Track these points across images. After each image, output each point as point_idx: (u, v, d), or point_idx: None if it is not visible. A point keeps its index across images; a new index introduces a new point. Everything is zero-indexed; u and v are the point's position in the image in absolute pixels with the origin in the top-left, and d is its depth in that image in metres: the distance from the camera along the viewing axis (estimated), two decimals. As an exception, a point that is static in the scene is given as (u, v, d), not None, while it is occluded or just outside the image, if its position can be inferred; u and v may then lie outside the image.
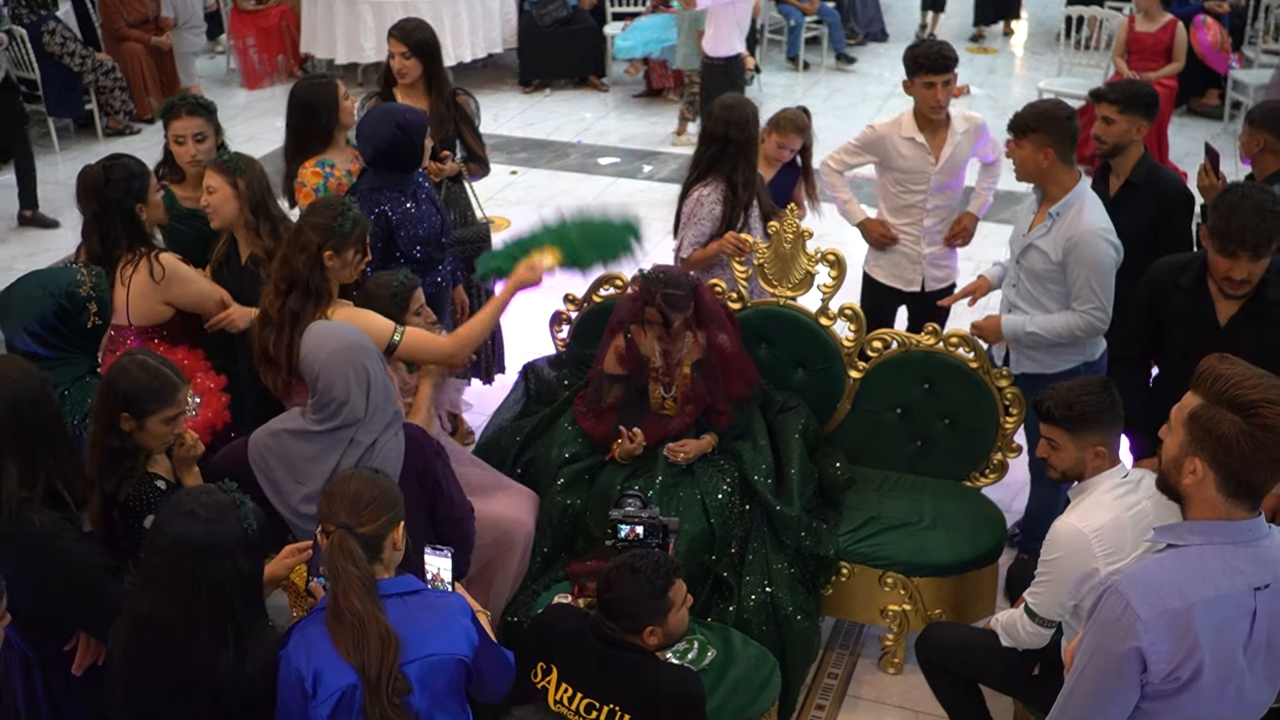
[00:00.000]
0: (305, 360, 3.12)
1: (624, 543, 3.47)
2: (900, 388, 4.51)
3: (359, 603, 2.55)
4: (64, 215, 8.11)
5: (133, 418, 3.00)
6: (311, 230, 3.55)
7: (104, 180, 3.79)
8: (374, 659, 2.53)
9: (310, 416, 3.13)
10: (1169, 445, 2.37)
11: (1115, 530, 3.16)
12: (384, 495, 2.69)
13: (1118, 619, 2.28)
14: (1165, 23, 8.50)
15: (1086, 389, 3.30)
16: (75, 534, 2.92)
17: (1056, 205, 4.07)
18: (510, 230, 6.82)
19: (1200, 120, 9.60)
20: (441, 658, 2.65)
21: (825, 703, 4.20)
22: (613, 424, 4.21)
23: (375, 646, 2.53)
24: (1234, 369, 2.31)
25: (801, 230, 4.49)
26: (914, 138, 4.82)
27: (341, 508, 2.64)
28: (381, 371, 3.15)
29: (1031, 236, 4.15)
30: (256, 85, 10.55)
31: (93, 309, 3.42)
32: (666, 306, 4.09)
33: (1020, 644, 3.41)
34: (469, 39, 10.17)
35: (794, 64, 11.21)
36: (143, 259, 3.82)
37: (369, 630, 2.54)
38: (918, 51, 4.75)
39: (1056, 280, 4.13)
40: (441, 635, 2.67)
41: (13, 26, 8.71)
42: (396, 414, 3.18)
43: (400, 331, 3.60)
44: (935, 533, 4.22)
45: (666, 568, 3.14)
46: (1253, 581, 2.31)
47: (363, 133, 4.41)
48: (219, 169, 4.04)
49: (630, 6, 10.70)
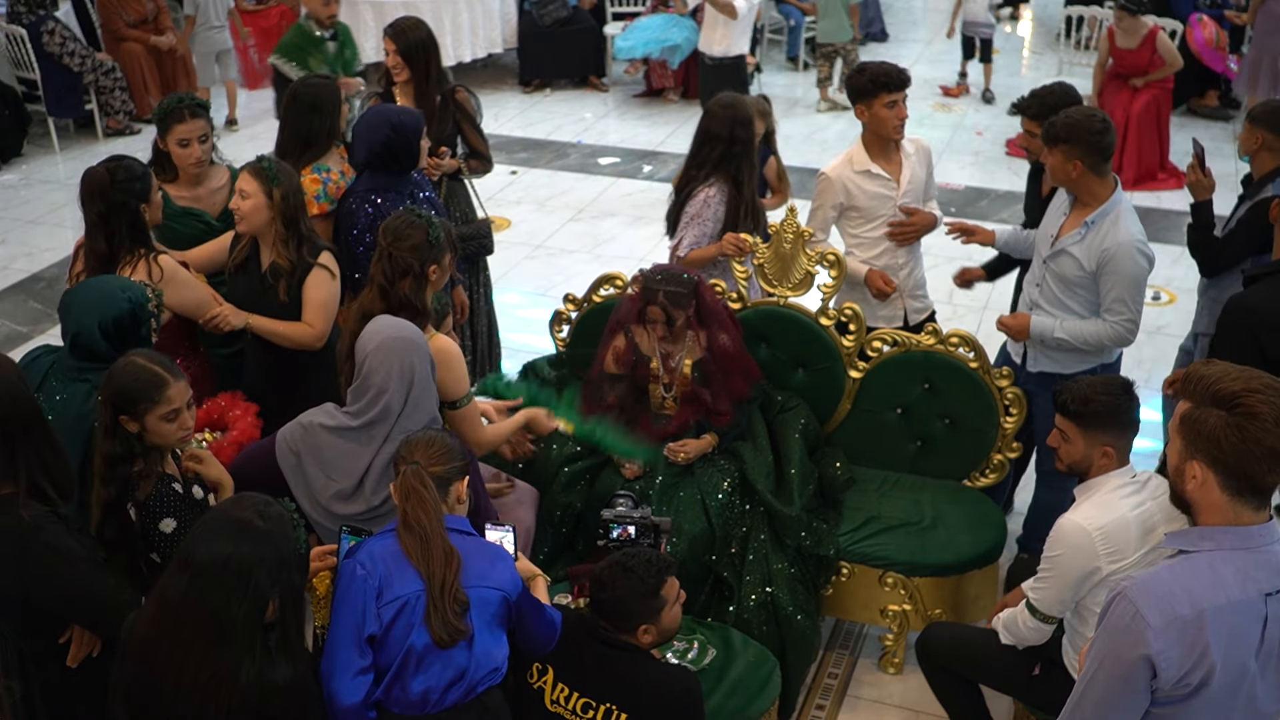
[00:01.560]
0: (359, 344, 3.20)
1: (616, 543, 3.48)
2: (900, 388, 4.51)
3: (426, 520, 2.78)
4: (63, 215, 8.13)
5: (131, 418, 2.99)
6: (409, 254, 3.52)
7: (109, 181, 3.77)
8: (439, 569, 2.75)
9: (347, 408, 3.14)
10: (1170, 456, 2.37)
11: (1119, 529, 3.16)
12: (454, 449, 2.98)
13: (1127, 626, 2.27)
14: (1144, 37, 8.38)
15: (1106, 388, 3.29)
16: (62, 527, 2.91)
17: (1092, 214, 4.00)
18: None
19: (1200, 120, 9.60)
20: (490, 590, 2.86)
21: (825, 703, 4.20)
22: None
23: (440, 558, 2.76)
24: (1215, 369, 2.33)
25: (801, 230, 4.49)
26: (869, 169, 4.67)
27: (417, 449, 2.91)
28: (428, 375, 3.17)
29: (1064, 241, 4.08)
30: (257, 85, 10.54)
31: (153, 324, 3.50)
32: (669, 304, 4.09)
33: (1021, 640, 3.41)
34: (469, 39, 10.17)
35: (794, 64, 11.22)
36: (141, 260, 3.80)
37: (434, 544, 2.77)
38: (876, 72, 4.56)
39: (1086, 287, 4.09)
40: (493, 572, 2.89)
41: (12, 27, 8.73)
42: (434, 418, 3.22)
43: (468, 398, 3.62)
44: (935, 533, 4.23)
45: (658, 566, 3.15)
46: (1264, 587, 2.31)
47: (358, 134, 4.41)
48: (256, 175, 3.95)
49: (630, 6, 10.71)
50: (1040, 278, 4.23)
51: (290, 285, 4.00)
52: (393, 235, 3.56)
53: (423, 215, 3.64)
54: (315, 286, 4.02)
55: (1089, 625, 3.23)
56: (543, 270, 7.34)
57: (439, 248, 3.58)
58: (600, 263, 6.94)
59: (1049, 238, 4.17)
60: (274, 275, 4.03)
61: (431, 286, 3.60)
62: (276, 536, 2.57)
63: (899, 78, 4.58)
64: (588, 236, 7.86)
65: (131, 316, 3.40)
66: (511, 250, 7.51)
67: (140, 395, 2.97)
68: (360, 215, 4.36)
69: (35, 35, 8.84)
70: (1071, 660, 3.35)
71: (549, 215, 8.15)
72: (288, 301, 4.02)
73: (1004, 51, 11.66)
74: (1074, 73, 9.68)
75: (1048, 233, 4.20)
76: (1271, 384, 2.27)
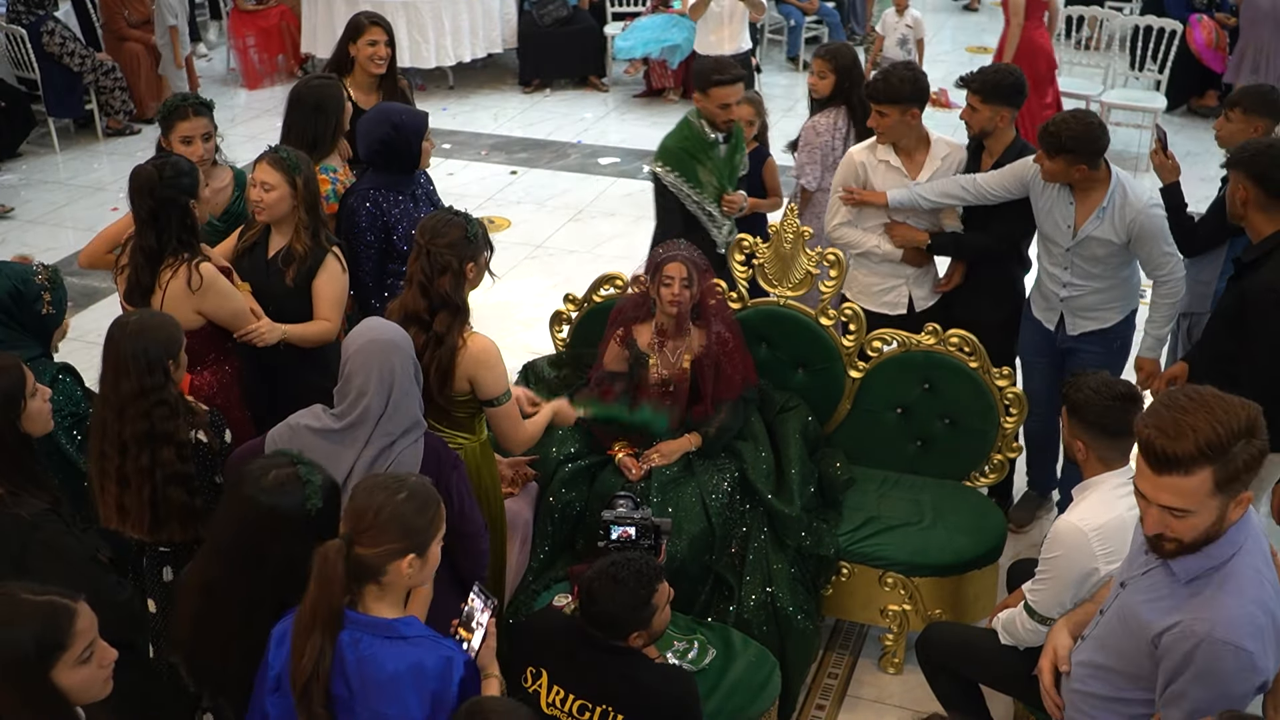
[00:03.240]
0: (345, 344, 3.17)
1: (616, 544, 3.46)
2: (900, 388, 4.51)
3: (309, 616, 2.50)
4: (63, 215, 8.13)
5: (174, 361, 3.18)
6: (448, 251, 3.50)
7: (158, 178, 3.76)
8: (300, 674, 2.48)
9: (332, 410, 3.14)
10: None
11: (1117, 530, 3.16)
12: (399, 520, 2.53)
13: (1235, 668, 2.33)
14: None
15: (1109, 391, 3.24)
16: (61, 525, 2.92)
17: (1103, 199, 4.27)
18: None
19: (1200, 120, 9.59)
20: (393, 718, 2.53)
21: (825, 703, 4.20)
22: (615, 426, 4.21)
23: (307, 664, 2.47)
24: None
25: (801, 230, 4.49)
26: (889, 160, 4.72)
27: (349, 517, 2.56)
28: (409, 376, 3.14)
29: (1088, 229, 4.32)
30: (257, 85, 10.54)
31: (46, 299, 3.58)
32: (691, 264, 4.10)
33: (1020, 641, 3.41)
34: (469, 39, 10.16)
35: (794, 64, 11.22)
36: (183, 265, 3.77)
37: (306, 644, 2.48)
38: (919, 81, 4.62)
39: (1117, 254, 4.37)
40: (397, 694, 2.53)
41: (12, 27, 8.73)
42: (418, 423, 3.17)
43: (508, 395, 3.61)
44: (935, 533, 4.23)
45: (649, 575, 3.07)
46: (1266, 551, 2.38)
47: (360, 131, 4.43)
48: (279, 166, 3.96)
49: (630, 6, 10.71)
50: (1068, 262, 4.44)
51: (300, 272, 4.01)
52: (431, 233, 3.53)
53: (460, 213, 3.64)
54: (328, 281, 4.05)
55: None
56: (543, 270, 7.34)
57: (476, 245, 3.56)
58: (600, 263, 6.93)
59: (1065, 229, 4.37)
60: (285, 261, 4.03)
61: (469, 284, 3.59)
62: (282, 496, 2.67)
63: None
64: (588, 236, 7.86)
65: (16, 293, 3.52)
66: (511, 250, 7.51)
67: (176, 342, 3.24)
68: (361, 213, 4.37)
69: (35, 35, 8.84)
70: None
71: (549, 215, 8.15)
72: (293, 287, 4.02)
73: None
74: (1074, 72, 9.67)
75: (1061, 225, 4.38)
76: None
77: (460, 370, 3.51)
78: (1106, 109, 8.74)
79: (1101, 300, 4.48)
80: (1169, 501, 2.35)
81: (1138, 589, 2.59)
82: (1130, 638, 2.55)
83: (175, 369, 3.23)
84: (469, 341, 3.52)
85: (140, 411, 3.14)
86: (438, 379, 3.49)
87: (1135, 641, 2.53)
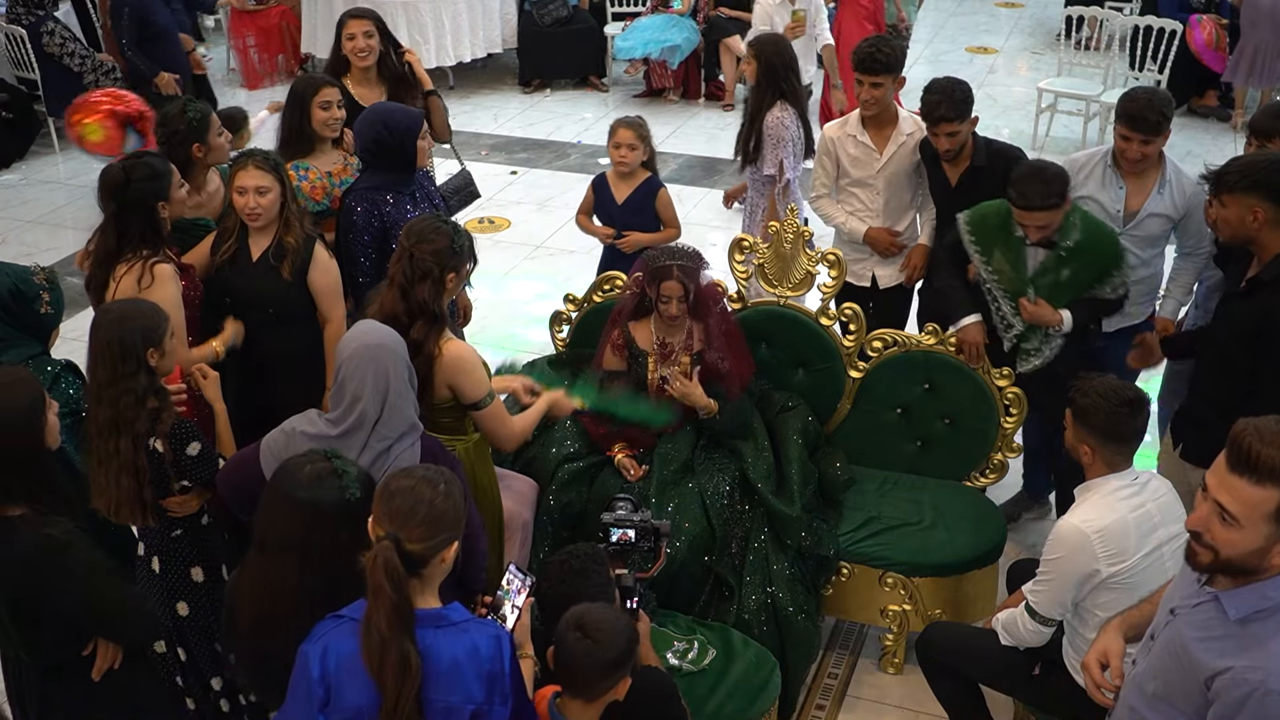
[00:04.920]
0: (338, 349, 3.16)
1: (615, 546, 3.45)
2: (900, 388, 4.51)
3: (384, 625, 2.45)
4: (63, 215, 8.13)
5: (156, 351, 3.20)
6: (431, 257, 3.47)
7: (124, 181, 3.78)
8: (393, 683, 2.45)
9: (327, 415, 3.13)
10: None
11: (1119, 531, 3.16)
12: (443, 515, 2.54)
13: None
14: None
15: (1117, 397, 3.21)
16: (89, 541, 2.94)
17: (1161, 177, 4.33)
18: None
19: (1200, 120, 9.59)
20: (458, 703, 2.53)
21: (825, 703, 4.20)
22: (612, 423, 4.21)
23: (396, 669, 2.44)
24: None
25: (801, 230, 4.49)
26: (856, 135, 4.92)
27: (395, 518, 2.51)
28: (403, 379, 3.12)
29: (1149, 207, 4.35)
30: (257, 85, 10.54)
31: (45, 298, 3.66)
32: (684, 276, 4.11)
33: (1020, 642, 3.41)
34: (469, 39, 10.16)
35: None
36: (139, 263, 3.78)
37: (390, 653, 2.45)
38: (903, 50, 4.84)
39: (1167, 233, 4.44)
40: (462, 679, 2.54)
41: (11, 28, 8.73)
42: (414, 426, 3.16)
43: (491, 397, 3.61)
44: (935, 533, 4.23)
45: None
46: None
47: (355, 130, 4.45)
48: (269, 168, 3.96)
49: (630, 6, 10.70)
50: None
51: (294, 263, 4.02)
52: (416, 237, 3.50)
53: (448, 221, 3.62)
54: (322, 274, 4.07)
55: (1089, 627, 3.23)
56: (543, 270, 7.34)
57: (460, 256, 3.54)
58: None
59: (1114, 215, 4.37)
60: (277, 256, 4.03)
61: (448, 294, 3.58)
62: (320, 489, 2.72)
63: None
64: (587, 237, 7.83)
65: (15, 291, 3.59)
66: (511, 250, 7.51)
67: (158, 326, 3.23)
68: (356, 213, 4.36)
69: (35, 35, 8.84)
70: (1072, 661, 3.35)
71: (549, 215, 8.14)
72: (291, 280, 4.02)
73: (1004, 52, 11.68)
74: (1074, 72, 9.67)
75: (1115, 206, 4.38)
76: None
77: (439, 378, 3.52)
78: (1106, 109, 8.74)
79: (1138, 292, 4.42)
80: (1225, 501, 2.32)
81: (1190, 623, 2.52)
82: (1182, 673, 2.49)
83: (159, 357, 3.23)
84: (444, 349, 3.50)
85: (110, 398, 3.16)
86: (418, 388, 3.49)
87: (1186, 679, 2.48)
